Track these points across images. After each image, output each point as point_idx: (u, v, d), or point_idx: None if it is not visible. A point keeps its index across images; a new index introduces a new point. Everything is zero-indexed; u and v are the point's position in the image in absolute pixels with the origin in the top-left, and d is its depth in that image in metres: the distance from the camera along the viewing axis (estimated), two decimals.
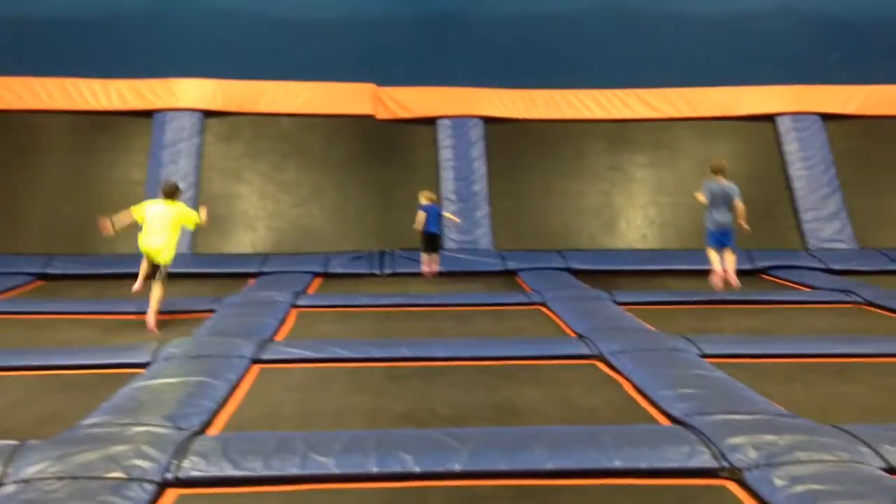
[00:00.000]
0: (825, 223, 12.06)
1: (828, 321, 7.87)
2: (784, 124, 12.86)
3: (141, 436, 4.09)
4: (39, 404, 5.12)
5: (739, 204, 8.77)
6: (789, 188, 12.41)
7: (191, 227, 8.00)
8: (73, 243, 11.19)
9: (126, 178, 11.92)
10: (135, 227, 7.59)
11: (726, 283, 8.88)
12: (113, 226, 7.49)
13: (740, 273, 10.26)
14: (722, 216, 8.78)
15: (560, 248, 11.59)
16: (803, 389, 5.47)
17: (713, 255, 8.93)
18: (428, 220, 10.38)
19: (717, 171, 8.89)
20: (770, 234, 12.00)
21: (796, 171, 12.47)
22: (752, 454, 3.90)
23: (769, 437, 4.05)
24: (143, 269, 7.53)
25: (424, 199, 10.50)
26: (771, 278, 10.62)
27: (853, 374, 5.83)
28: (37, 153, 12.03)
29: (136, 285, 7.54)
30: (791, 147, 12.66)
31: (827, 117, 12.89)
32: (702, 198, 8.87)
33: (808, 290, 9.54)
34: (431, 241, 10.51)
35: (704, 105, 12.94)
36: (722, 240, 8.86)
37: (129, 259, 10.67)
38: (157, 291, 7.40)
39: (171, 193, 7.64)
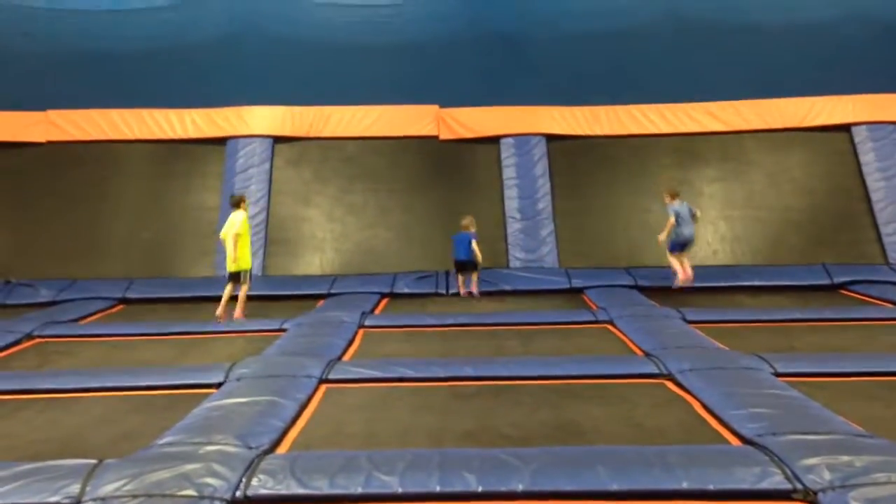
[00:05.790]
0: None
1: None
2: (860, 134, 12.43)
3: (212, 454, 4.21)
4: (117, 424, 5.31)
5: (699, 214, 10.58)
6: (867, 200, 11.99)
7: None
8: (152, 267, 11.64)
9: (201, 203, 12.32)
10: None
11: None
12: None
13: (818, 288, 10.22)
14: (688, 229, 10.29)
15: (627, 265, 11.45)
16: (882, 409, 5.27)
17: (676, 260, 10.43)
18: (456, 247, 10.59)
19: (676, 195, 10.46)
20: (849, 248, 11.62)
21: (874, 182, 12.03)
22: (828, 475, 3.78)
23: (845, 458, 3.92)
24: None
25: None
26: (850, 293, 10.25)
27: None
28: (117, 181, 12.55)
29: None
30: (868, 157, 12.23)
31: None
32: (672, 221, 10.19)
33: (890, 306, 9.18)
34: (462, 266, 10.67)
35: (775, 116, 12.62)
36: (685, 247, 10.48)
37: (203, 282, 11.12)
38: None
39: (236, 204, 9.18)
